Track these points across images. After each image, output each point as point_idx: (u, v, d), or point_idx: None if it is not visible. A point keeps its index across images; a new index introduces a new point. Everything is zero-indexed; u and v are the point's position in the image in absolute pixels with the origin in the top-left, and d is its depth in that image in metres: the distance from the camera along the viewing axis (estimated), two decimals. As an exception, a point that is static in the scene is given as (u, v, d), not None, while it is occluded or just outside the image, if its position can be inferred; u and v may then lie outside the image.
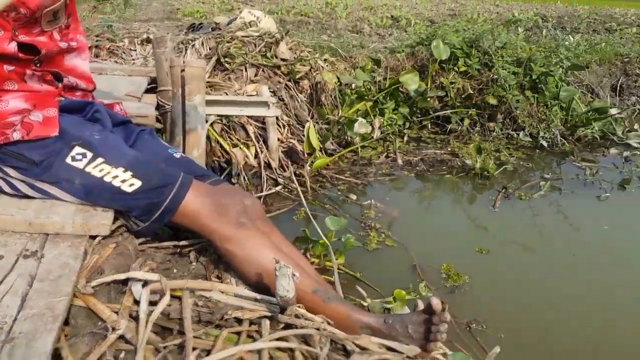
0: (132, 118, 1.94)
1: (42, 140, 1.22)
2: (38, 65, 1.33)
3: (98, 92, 2.24)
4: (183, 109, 1.74)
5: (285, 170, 3.39)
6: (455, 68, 4.68)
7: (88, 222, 1.18)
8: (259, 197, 3.04)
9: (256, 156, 3.25)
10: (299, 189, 2.48)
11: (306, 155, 3.54)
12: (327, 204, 3.11)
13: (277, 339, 0.99)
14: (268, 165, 3.29)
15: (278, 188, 3.17)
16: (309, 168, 3.37)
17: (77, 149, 1.23)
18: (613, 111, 4.85)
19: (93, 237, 1.19)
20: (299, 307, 1.10)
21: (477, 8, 9.59)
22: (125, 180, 1.22)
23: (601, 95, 5.72)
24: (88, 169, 1.22)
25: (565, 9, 11.91)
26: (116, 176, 1.22)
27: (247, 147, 3.25)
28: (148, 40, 4.21)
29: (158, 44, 2.23)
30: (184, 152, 1.82)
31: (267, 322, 1.05)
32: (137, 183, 1.22)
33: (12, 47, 1.28)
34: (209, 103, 2.11)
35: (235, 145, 3.16)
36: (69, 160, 1.23)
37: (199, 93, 1.71)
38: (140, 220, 1.26)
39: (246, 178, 3.05)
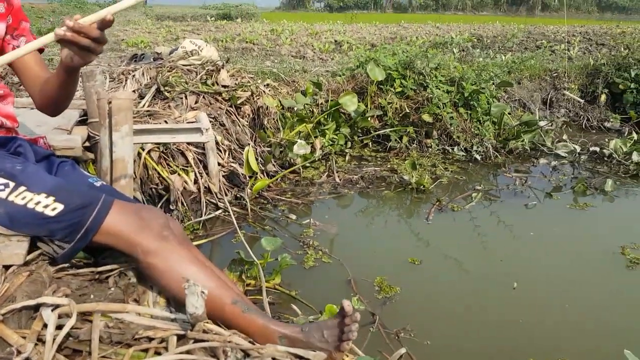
0: (58, 150, 1.98)
1: None
2: None
3: (30, 125, 2.27)
4: (110, 139, 1.80)
5: (226, 195, 3.45)
6: (392, 89, 4.89)
7: (2, 253, 1.21)
8: (199, 222, 3.09)
9: (196, 181, 3.30)
10: (231, 211, 2.53)
11: (247, 179, 3.61)
12: (267, 225, 3.18)
13: (183, 352, 1.05)
14: (208, 190, 3.34)
15: (218, 212, 3.22)
16: (249, 191, 3.44)
17: (0, 180, 1.28)
18: (541, 123, 5.17)
19: (6, 268, 1.22)
20: (207, 322, 1.17)
21: (418, 31, 10.01)
22: (48, 205, 1.26)
23: (532, 109, 6.08)
24: (11, 198, 1.26)
25: (502, 29, 12.58)
26: (39, 202, 1.26)
27: (187, 172, 3.30)
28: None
29: (87, 77, 2.28)
30: (111, 181, 1.86)
31: (175, 338, 1.11)
32: (60, 207, 1.26)
33: None
34: (139, 132, 2.16)
35: (173, 172, 3.20)
36: None
37: (126, 123, 1.77)
38: (64, 242, 1.29)
39: (185, 204, 3.09)
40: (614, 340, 2.18)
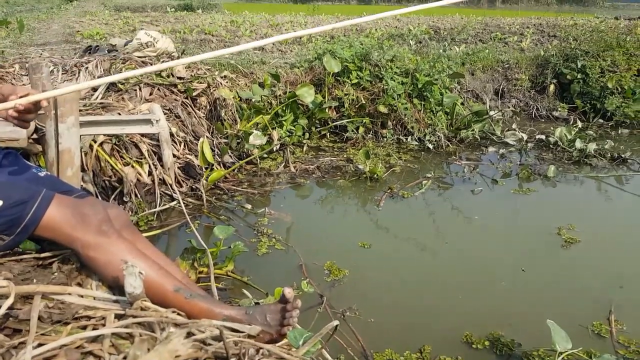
0: (3, 142, 1.99)
1: None
2: None
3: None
4: (56, 130, 1.82)
5: (182, 186, 3.49)
6: (349, 80, 4.99)
7: None
8: (153, 213, 3.12)
9: (150, 173, 3.33)
10: (182, 202, 2.58)
11: (203, 170, 3.66)
12: (222, 216, 3.25)
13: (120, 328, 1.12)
14: (163, 182, 3.38)
15: (173, 203, 3.26)
16: (204, 182, 3.49)
17: None
18: (492, 113, 5.37)
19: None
20: (144, 300, 1.24)
21: (378, 23, 10.14)
22: None
23: (484, 99, 6.29)
24: None
25: (460, 20, 12.84)
26: None
27: (140, 164, 3.32)
28: (37, 64, 4.15)
29: (34, 70, 2.28)
30: (57, 172, 1.89)
31: (112, 315, 1.18)
32: None
33: None
34: (87, 124, 2.19)
35: (127, 164, 3.22)
36: None
37: (72, 115, 1.81)
38: (4, 235, 1.33)
39: (139, 195, 3.12)
40: (545, 313, 2.35)
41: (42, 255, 1.39)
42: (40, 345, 1.02)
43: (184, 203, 3.31)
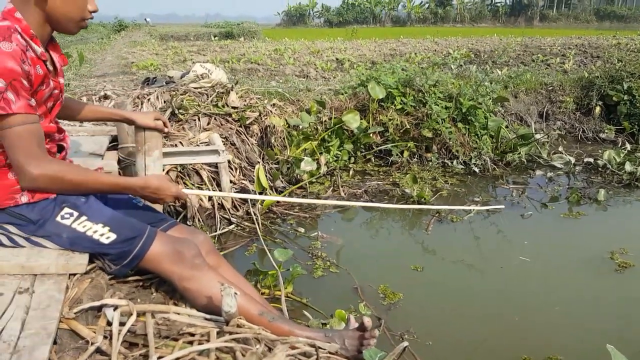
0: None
1: (42, 202, 1.49)
2: (49, 140, 1.62)
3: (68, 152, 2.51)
4: (144, 162, 2.03)
5: (238, 210, 3.67)
6: (393, 106, 5.13)
7: (68, 263, 1.45)
8: (213, 237, 3.31)
9: (210, 199, 3.53)
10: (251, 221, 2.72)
11: (257, 194, 3.83)
12: (277, 239, 3.40)
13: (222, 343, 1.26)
14: (222, 206, 3.57)
15: (231, 227, 3.44)
16: (260, 206, 3.66)
17: (66, 210, 1.51)
18: (537, 136, 5.38)
19: (72, 275, 1.46)
20: (240, 318, 1.38)
21: (416, 46, 10.30)
22: (104, 234, 1.50)
23: (529, 121, 6.30)
24: (74, 225, 1.50)
25: (499, 42, 12.88)
26: (96, 231, 1.50)
27: (201, 190, 3.52)
28: (106, 97, 4.48)
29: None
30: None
31: (215, 331, 1.33)
32: (113, 236, 1.50)
33: (52, 126, 1.60)
34: (165, 155, 2.39)
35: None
36: (59, 218, 1.50)
37: (157, 149, 2.01)
38: (113, 264, 1.53)
39: (200, 220, 3.31)
40: (602, 338, 2.37)
41: (143, 277, 1.56)
42: (160, 358, 1.17)
43: (241, 227, 3.49)
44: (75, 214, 1.51)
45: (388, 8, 52.38)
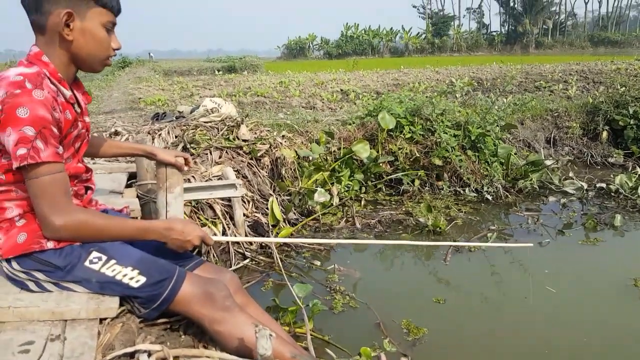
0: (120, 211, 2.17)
1: (68, 247, 1.45)
2: (77, 181, 1.61)
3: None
4: (166, 199, 2.00)
5: (252, 244, 3.61)
6: (402, 135, 5.13)
7: (99, 307, 1.41)
8: (230, 272, 3.24)
9: (224, 233, 3.48)
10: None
11: (271, 227, 3.79)
12: (293, 272, 3.33)
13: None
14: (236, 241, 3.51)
15: (246, 261, 3.38)
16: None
17: (94, 254, 1.47)
18: (547, 162, 5.36)
19: (103, 319, 1.41)
20: (274, 362, 1.32)
21: (418, 76, 10.39)
22: (133, 278, 1.46)
23: (537, 148, 6.29)
24: (103, 270, 1.46)
25: (499, 70, 13.01)
26: (125, 274, 1.46)
27: (215, 224, 3.48)
28: (116, 133, 4.48)
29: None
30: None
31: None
32: (142, 279, 1.46)
33: (80, 167, 1.59)
34: (184, 191, 2.36)
35: (203, 225, 3.38)
36: (87, 263, 1.46)
37: (178, 185, 1.98)
38: (142, 307, 1.49)
39: (215, 254, 3.25)
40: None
41: (171, 319, 1.51)
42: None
43: (256, 261, 3.43)
44: (104, 257, 1.47)
45: (386, 39, 53.33)
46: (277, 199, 4.20)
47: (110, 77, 15.58)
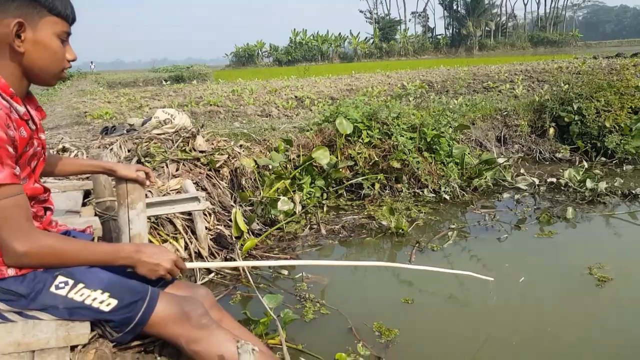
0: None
1: (31, 273, 1.35)
2: (35, 202, 1.50)
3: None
4: (128, 217, 1.91)
5: (216, 257, 3.54)
6: (360, 139, 5.17)
7: (69, 335, 1.32)
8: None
9: (186, 248, 3.39)
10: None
11: (234, 239, 3.72)
12: (261, 284, 3.28)
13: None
14: (199, 255, 3.43)
15: (211, 276, 3.30)
16: (239, 251, 3.54)
17: (60, 278, 1.38)
18: (500, 160, 5.54)
19: (73, 347, 1.33)
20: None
21: (370, 80, 10.53)
22: (103, 301, 1.38)
23: (488, 147, 6.49)
24: (70, 295, 1.37)
25: (447, 72, 13.37)
26: (95, 298, 1.38)
27: (177, 240, 3.38)
28: (64, 149, 4.29)
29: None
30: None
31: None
32: (114, 302, 1.39)
33: (38, 187, 1.48)
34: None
35: (165, 241, 3.28)
36: (53, 289, 1.37)
37: (140, 200, 1.91)
38: (115, 331, 1.41)
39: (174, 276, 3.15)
40: (602, 354, 2.38)
41: (145, 341, 1.44)
42: None
43: (221, 275, 3.36)
44: (71, 282, 1.38)
45: (335, 45, 53.90)
46: (239, 209, 4.14)
47: (51, 91, 14.87)
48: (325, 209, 4.69)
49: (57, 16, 1.37)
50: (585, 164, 5.68)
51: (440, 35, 65.10)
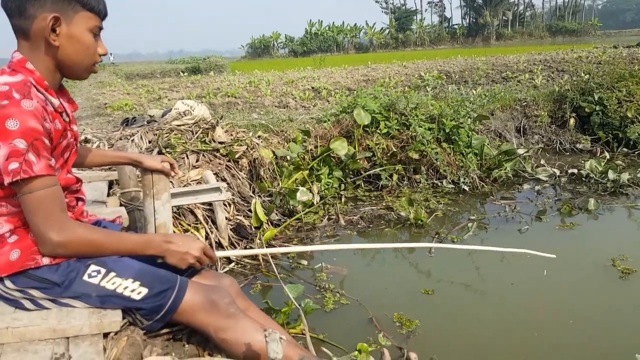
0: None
1: (64, 262, 1.39)
2: (68, 192, 1.54)
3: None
4: (153, 207, 1.94)
5: (236, 247, 3.57)
6: (378, 130, 5.15)
7: (102, 322, 1.36)
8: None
9: (207, 237, 3.42)
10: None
11: (254, 229, 3.75)
12: (281, 274, 3.31)
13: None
14: (219, 245, 3.46)
15: (231, 265, 3.34)
16: (259, 241, 3.57)
17: (92, 267, 1.42)
18: (520, 151, 5.48)
19: (106, 334, 1.37)
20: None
21: (387, 71, 10.47)
22: (134, 290, 1.42)
23: (508, 137, 6.43)
24: (103, 283, 1.41)
25: (465, 62, 13.22)
26: (126, 287, 1.42)
27: (197, 230, 3.42)
28: (86, 141, 4.35)
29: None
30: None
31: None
32: (144, 291, 1.42)
33: (71, 177, 1.52)
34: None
35: (186, 231, 3.32)
36: (85, 277, 1.41)
37: (165, 191, 1.93)
38: (145, 319, 1.45)
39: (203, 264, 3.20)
40: (625, 347, 2.36)
41: (174, 329, 1.47)
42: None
43: (241, 264, 3.39)
44: (103, 270, 1.42)
45: (350, 35, 53.60)
46: (258, 200, 4.16)
47: (71, 83, 15.04)
48: (343, 199, 4.70)
49: (91, 11, 1.39)
50: (607, 155, 5.59)
51: (456, 25, 64.34)
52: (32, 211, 1.29)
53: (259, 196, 4.29)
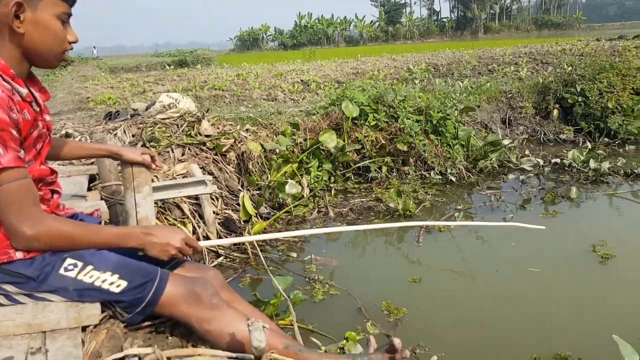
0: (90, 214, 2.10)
1: (39, 256, 1.37)
2: (42, 185, 1.51)
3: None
4: (134, 200, 1.94)
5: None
6: (367, 123, 5.17)
7: (80, 315, 1.35)
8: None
9: (194, 232, 3.42)
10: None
11: (242, 223, 3.76)
12: (270, 266, 3.32)
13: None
14: (207, 239, 3.46)
15: (220, 259, 3.34)
16: (248, 235, 3.58)
17: (69, 260, 1.39)
18: (505, 142, 5.54)
19: (85, 327, 1.35)
20: (272, 352, 1.32)
21: (376, 64, 10.47)
22: (113, 282, 1.40)
23: (494, 128, 6.49)
24: (80, 277, 1.39)
25: (453, 55, 13.27)
26: (105, 280, 1.39)
27: (184, 224, 3.42)
28: (67, 135, 4.31)
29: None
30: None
31: (248, 369, 1.27)
32: (123, 283, 1.40)
33: (44, 169, 1.48)
34: (152, 190, 2.30)
35: (172, 225, 3.32)
36: (62, 271, 1.38)
37: (146, 184, 1.93)
38: (125, 312, 1.43)
39: (186, 256, 3.20)
40: (604, 328, 2.41)
41: (156, 322, 1.48)
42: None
43: (230, 258, 3.40)
44: (80, 264, 1.39)
45: (340, 28, 53.46)
46: (247, 193, 4.17)
47: (52, 77, 14.81)
48: (332, 192, 4.72)
49: None
50: (589, 145, 5.68)
51: (445, 18, 64.49)
52: (2, 204, 1.26)
53: (248, 190, 4.30)
